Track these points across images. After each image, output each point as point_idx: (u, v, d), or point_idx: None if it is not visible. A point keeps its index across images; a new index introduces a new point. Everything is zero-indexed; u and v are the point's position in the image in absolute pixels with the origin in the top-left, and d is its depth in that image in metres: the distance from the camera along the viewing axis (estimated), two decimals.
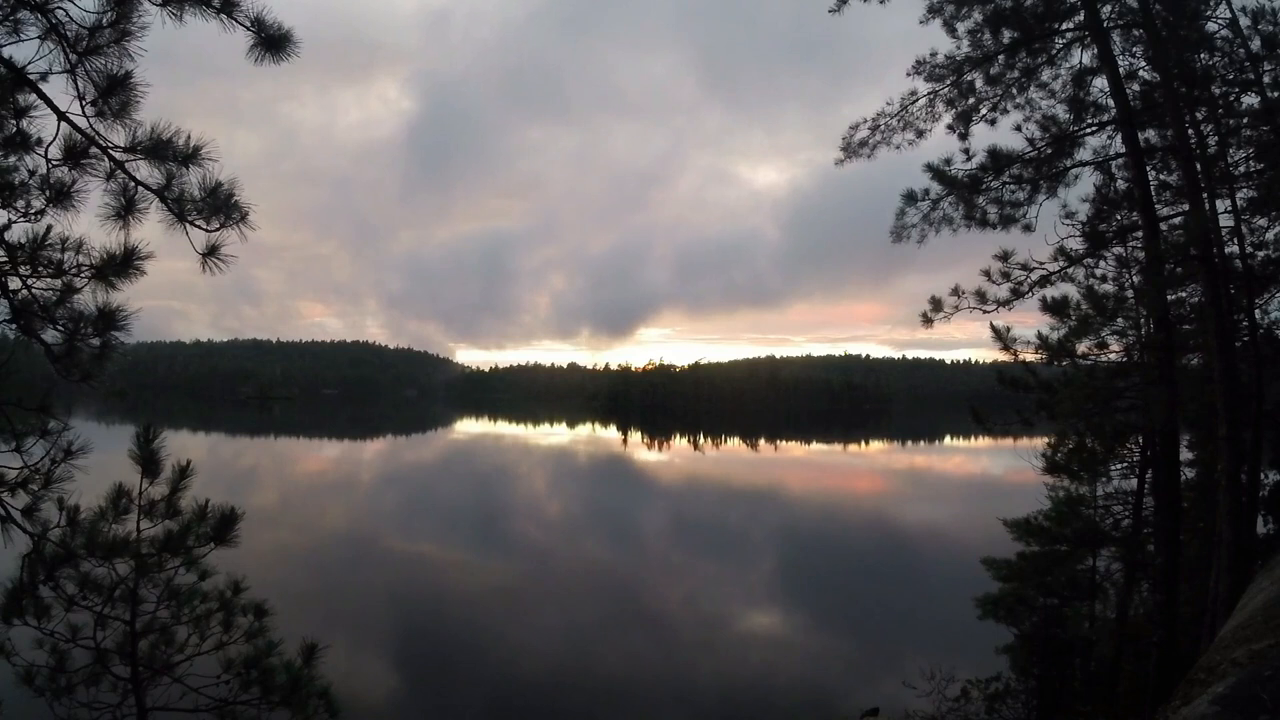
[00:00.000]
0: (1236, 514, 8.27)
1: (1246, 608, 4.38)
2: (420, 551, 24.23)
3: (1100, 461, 11.15)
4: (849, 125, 10.28)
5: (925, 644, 13.63)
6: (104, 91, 3.51)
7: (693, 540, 28.10)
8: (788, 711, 12.44)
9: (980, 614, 11.52)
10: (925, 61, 9.97)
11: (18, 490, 4.18)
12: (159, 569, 5.05)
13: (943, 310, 9.30)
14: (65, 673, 5.01)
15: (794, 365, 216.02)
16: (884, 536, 28.94)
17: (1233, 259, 10.26)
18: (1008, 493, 18.20)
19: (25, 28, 3.48)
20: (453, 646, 15.25)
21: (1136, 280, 10.66)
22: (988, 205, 9.78)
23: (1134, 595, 11.21)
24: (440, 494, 38.73)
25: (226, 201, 3.72)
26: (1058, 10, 9.54)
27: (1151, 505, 11.02)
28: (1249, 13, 9.73)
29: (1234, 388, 8.60)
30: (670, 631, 16.65)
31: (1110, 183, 10.63)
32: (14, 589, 4.78)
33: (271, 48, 3.72)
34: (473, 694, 12.77)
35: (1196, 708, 2.60)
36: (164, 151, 3.60)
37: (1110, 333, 10.76)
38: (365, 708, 11.25)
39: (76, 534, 4.68)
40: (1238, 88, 10.11)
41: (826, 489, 44.03)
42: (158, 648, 5.18)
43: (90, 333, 3.86)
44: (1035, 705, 10.88)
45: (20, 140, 3.78)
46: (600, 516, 33.25)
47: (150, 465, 4.96)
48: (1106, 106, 9.78)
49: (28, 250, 3.76)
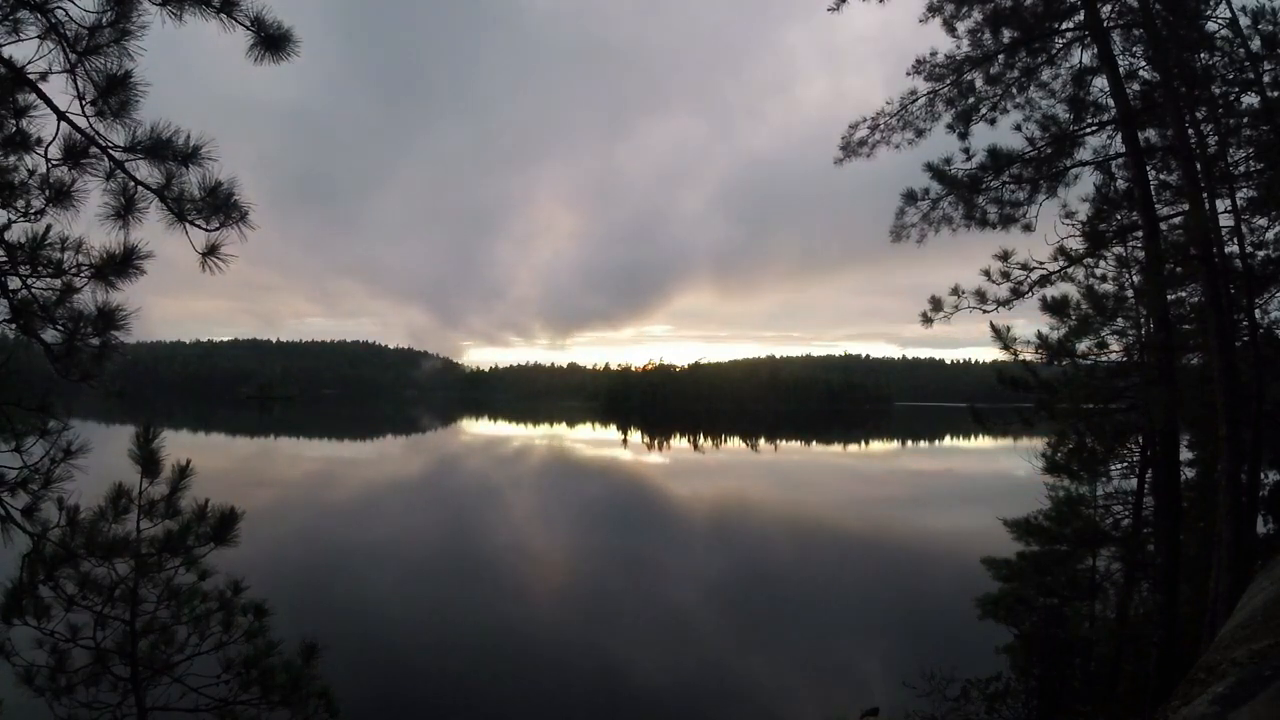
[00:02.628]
0: (1236, 514, 8.27)
1: (1246, 608, 4.38)
2: (420, 551, 24.22)
3: (1100, 461, 11.15)
4: (848, 124, 10.30)
5: (925, 644, 13.63)
6: (104, 91, 3.51)
7: (692, 540, 28.11)
8: (788, 711, 12.44)
9: (980, 614, 11.52)
10: (925, 61, 9.97)
11: (18, 490, 4.18)
12: (159, 569, 5.06)
13: (942, 310, 9.31)
14: (65, 673, 5.02)
15: (794, 365, 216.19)
16: (884, 536, 28.94)
17: (1233, 259, 10.25)
18: (1007, 492, 18.23)
19: (25, 27, 3.47)
20: (453, 646, 15.25)
21: (1136, 280, 10.66)
22: (988, 205, 9.78)
23: (1134, 595, 11.20)
24: (440, 494, 38.73)
25: (226, 201, 3.72)
26: (1058, 10, 9.54)
27: (1151, 505, 11.02)
28: (1249, 12, 9.72)
29: (1234, 388, 8.60)
30: (669, 631, 16.64)
31: (1110, 182, 10.62)
32: (14, 589, 4.79)
33: (271, 47, 3.72)
34: (473, 693, 12.77)
35: (1196, 708, 2.60)
36: (164, 151, 3.60)
37: (1110, 333, 10.78)
38: (365, 707, 11.25)
39: (76, 534, 4.68)
40: (1238, 87, 10.10)
41: (826, 489, 44.04)
42: (157, 647, 5.18)
43: (90, 332, 3.86)
44: (1035, 705, 10.87)
45: (20, 140, 3.78)
46: (601, 515, 33.24)
47: (150, 465, 4.97)
48: (1106, 106, 9.78)
49: (27, 250, 3.76)
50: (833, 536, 29.18)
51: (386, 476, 45.78)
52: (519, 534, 28.34)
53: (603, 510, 35.18)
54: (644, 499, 39.27)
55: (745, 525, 31.52)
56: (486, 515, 32.08)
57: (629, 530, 29.90)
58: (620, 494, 41.09)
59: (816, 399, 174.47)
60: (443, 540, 26.23)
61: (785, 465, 59.28)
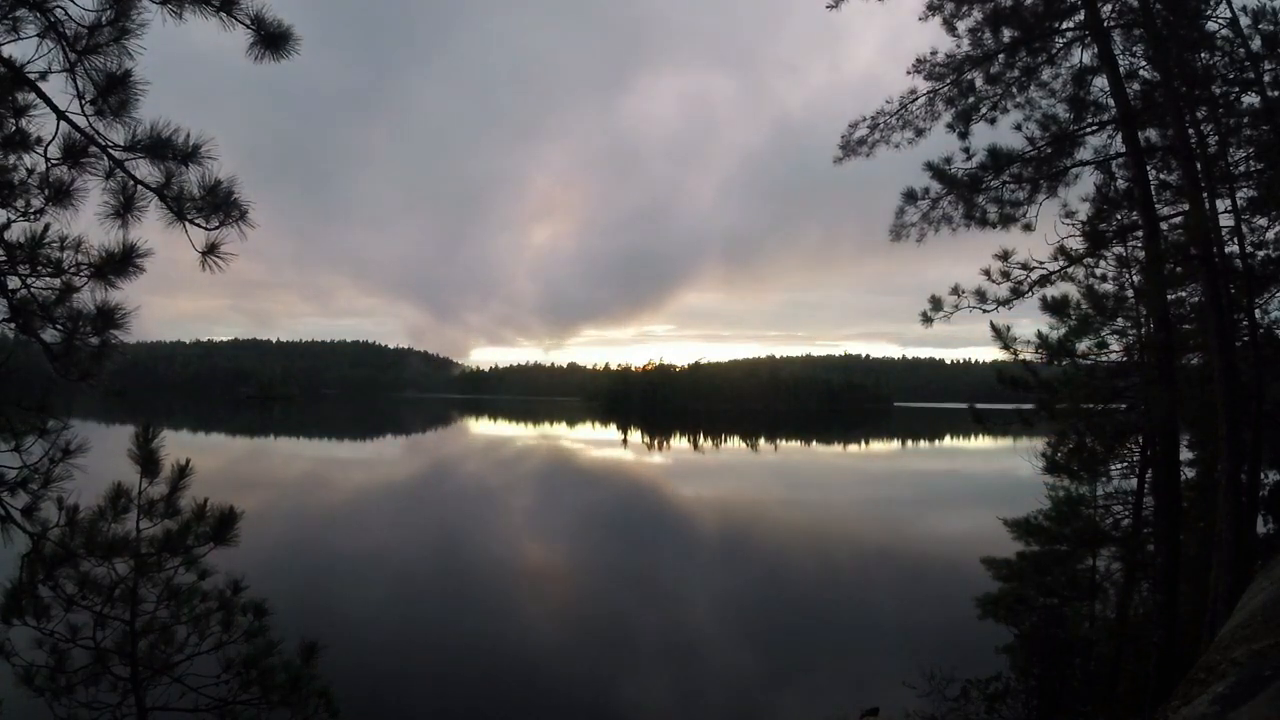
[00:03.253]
0: (1236, 514, 8.27)
1: (1246, 608, 4.37)
2: (419, 551, 24.22)
3: (1100, 461, 11.14)
4: (848, 123, 10.29)
5: (925, 644, 13.61)
6: (103, 90, 3.50)
7: (691, 540, 28.10)
8: (788, 711, 12.44)
9: (980, 614, 11.52)
10: (925, 60, 9.96)
11: (17, 490, 4.17)
12: (158, 569, 5.06)
13: (942, 309, 9.30)
14: (65, 673, 5.02)
15: (794, 365, 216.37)
16: (883, 536, 28.93)
17: (1233, 258, 10.24)
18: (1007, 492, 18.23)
19: (24, 26, 3.47)
20: (453, 645, 15.24)
21: (1137, 280, 10.66)
22: (988, 204, 9.77)
23: (1134, 595, 11.20)
24: (439, 494, 38.72)
25: (226, 199, 3.71)
26: (1058, 9, 9.54)
27: (1151, 505, 11.01)
28: (1249, 12, 9.72)
29: (1234, 388, 8.59)
30: (668, 630, 16.63)
31: (1110, 182, 10.62)
32: (14, 589, 4.78)
33: (271, 45, 3.71)
34: (473, 693, 12.77)
35: (1196, 708, 2.60)
36: (163, 150, 3.59)
37: (1110, 332, 10.79)
38: (365, 707, 11.24)
39: (76, 534, 4.68)
40: (1238, 87, 10.09)
41: (825, 488, 44.04)
42: (157, 647, 5.18)
43: (89, 332, 3.85)
44: (1035, 705, 10.86)
45: (19, 139, 3.77)
46: (600, 515, 33.22)
47: (149, 464, 4.97)
48: (1107, 106, 9.77)
49: (27, 249, 3.75)
50: (832, 537, 29.17)
51: (386, 476, 45.76)
52: (518, 534, 28.34)
53: (601, 510, 35.16)
54: (643, 500, 39.27)
55: (745, 525, 31.51)
56: (486, 515, 32.08)
57: (629, 531, 29.89)
58: (619, 494, 41.08)
59: (816, 399, 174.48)
60: (442, 540, 26.22)
61: (785, 465, 59.28)
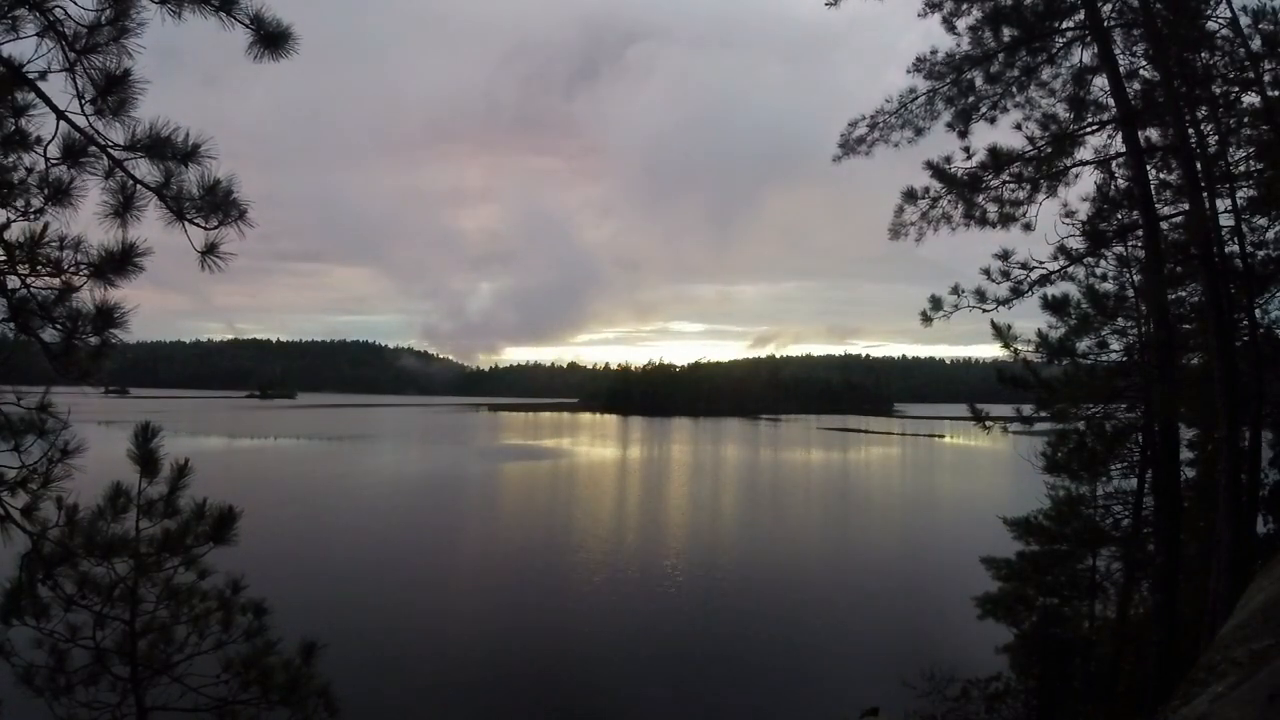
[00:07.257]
0: (1236, 514, 8.25)
1: (1246, 608, 4.36)
2: (419, 551, 24.20)
3: (1100, 461, 11.13)
4: (848, 122, 10.26)
5: (925, 644, 13.62)
6: (103, 90, 3.49)
7: (691, 541, 28.07)
8: (788, 710, 12.44)
9: (980, 614, 11.52)
10: (925, 59, 9.94)
11: (17, 490, 4.16)
12: (158, 568, 5.04)
13: (942, 309, 9.28)
14: (65, 672, 5.01)
15: (794, 365, 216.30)
16: (883, 536, 28.93)
17: (1233, 258, 10.23)
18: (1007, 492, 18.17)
19: (23, 25, 3.46)
20: (453, 645, 15.23)
21: (1137, 279, 10.65)
22: (987, 204, 9.75)
23: (1134, 595, 11.19)
24: (440, 494, 38.70)
25: (225, 199, 3.70)
26: (1058, 8, 9.52)
27: (1151, 505, 11.00)
28: (1249, 12, 9.70)
29: (1234, 388, 8.58)
30: (668, 630, 16.62)
31: (1110, 181, 10.60)
32: (13, 589, 4.77)
33: (270, 45, 3.70)
34: (473, 692, 12.76)
35: (1196, 707, 2.60)
36: (163, 149, 3.58)
37: (1110, 332, 10.78)
38: (365, 707, 11.23)
39: (75, 533, 4.66)
40: (1238, 87, 10.08)
41: (824, 488, 44.00)
42: (157, 647, 5.17)
43: (89, 331, 3.84)
44: (1035, 705, 10.86)
45: (19, 139, 3.75)
46: (599, 516, 33.20)
47: (149, 464, 4.95)
48: (1107, 105, 9.76)
49: (26, 249, 3.73)
50: (832, 537, 29.16)
51: (386, 477, 45.74)
52: (517, 533, 28.31)
53: (601, 509, 35.14)
54: (645, 494, 39.24)
55: (745, 526, 31.49)
56: (485, 515, 32.06)
57: (629, 532, 29.88)
58: (620, 493, 41.05)
59: (816, 399, 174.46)
60: (442, 540, 26.21)
61: (784, 465, 59.26)
